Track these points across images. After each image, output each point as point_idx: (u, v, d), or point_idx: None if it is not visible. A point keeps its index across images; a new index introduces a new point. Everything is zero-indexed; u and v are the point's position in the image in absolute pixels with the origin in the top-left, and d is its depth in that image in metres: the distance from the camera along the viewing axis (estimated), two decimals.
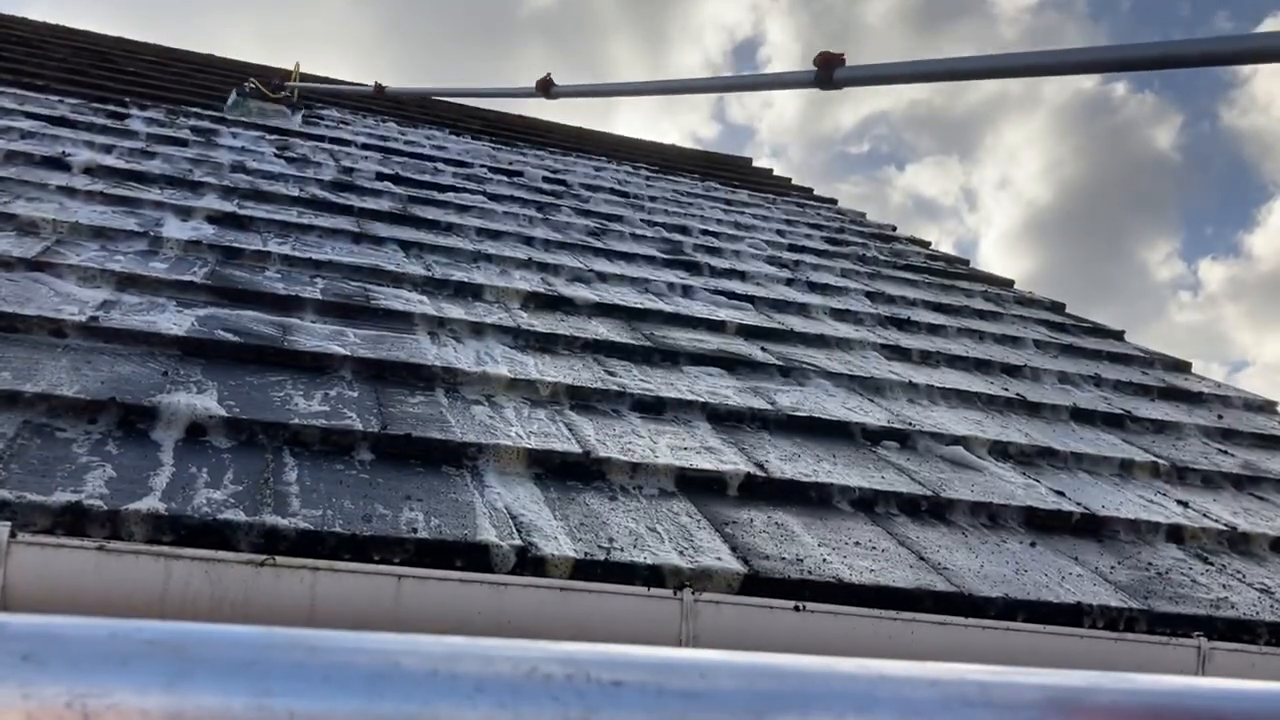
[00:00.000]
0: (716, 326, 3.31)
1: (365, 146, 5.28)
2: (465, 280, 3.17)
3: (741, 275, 4.21)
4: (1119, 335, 4.63)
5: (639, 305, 3.32)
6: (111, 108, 4.78)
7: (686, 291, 3.71)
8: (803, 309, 3.83)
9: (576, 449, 2.03)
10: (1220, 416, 3.50)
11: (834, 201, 7.14)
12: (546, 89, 4.19)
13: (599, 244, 4.20)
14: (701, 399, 2.51)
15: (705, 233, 4.93)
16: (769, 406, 2.58)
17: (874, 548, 1.91)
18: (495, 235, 3.95)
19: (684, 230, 4.88)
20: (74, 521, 1.43)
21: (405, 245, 3.52)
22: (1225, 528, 2.39)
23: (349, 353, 2.31)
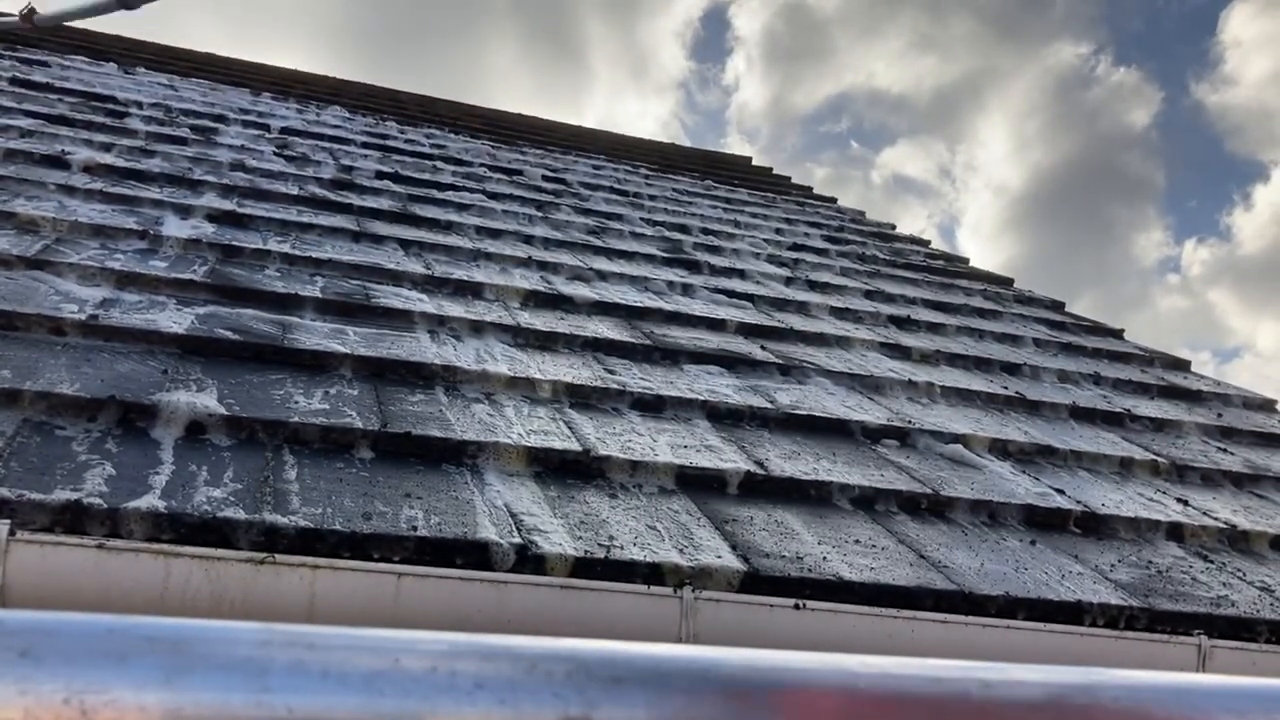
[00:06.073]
0: (716, 325, 3.31)
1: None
2: (465, 279, 3.17)
3: (741, 274, 4.20)
4: (1118, 334, 4.63)
5: (639, 304, 3.32)
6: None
7: (686, 290, 3.71)
8: (802, 307, 3.83)
9: (576, 447, 2.03)
10: (1220, 415, 3.50)
11: (834, 200, 7.14)
12: (29, 18, 4.52)
13: (599, 242, 4.20)
14: (701, 397, 2.51)
15: (705, 231, 4.93)
16: (769, 405, 2.58)
17: (874, 546, 1.91)
18: (495, 234, 3.95)
19: (683, 229, 4.88)
20: (73, 520, 1.43)
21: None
22: (1225, 526, 2.38)
23: (349, 351, 2.31)
